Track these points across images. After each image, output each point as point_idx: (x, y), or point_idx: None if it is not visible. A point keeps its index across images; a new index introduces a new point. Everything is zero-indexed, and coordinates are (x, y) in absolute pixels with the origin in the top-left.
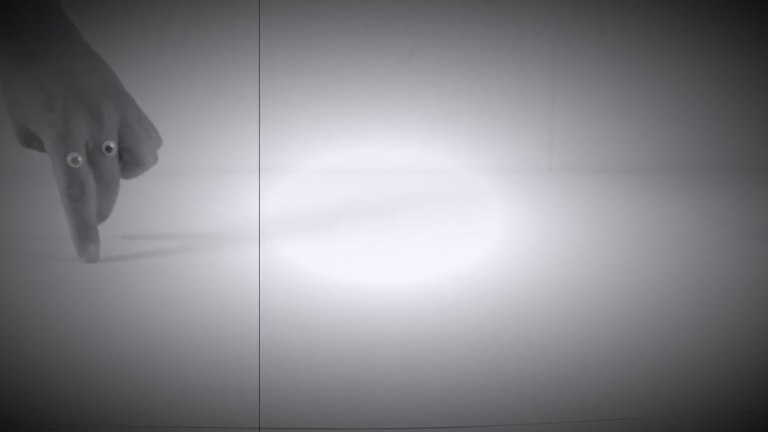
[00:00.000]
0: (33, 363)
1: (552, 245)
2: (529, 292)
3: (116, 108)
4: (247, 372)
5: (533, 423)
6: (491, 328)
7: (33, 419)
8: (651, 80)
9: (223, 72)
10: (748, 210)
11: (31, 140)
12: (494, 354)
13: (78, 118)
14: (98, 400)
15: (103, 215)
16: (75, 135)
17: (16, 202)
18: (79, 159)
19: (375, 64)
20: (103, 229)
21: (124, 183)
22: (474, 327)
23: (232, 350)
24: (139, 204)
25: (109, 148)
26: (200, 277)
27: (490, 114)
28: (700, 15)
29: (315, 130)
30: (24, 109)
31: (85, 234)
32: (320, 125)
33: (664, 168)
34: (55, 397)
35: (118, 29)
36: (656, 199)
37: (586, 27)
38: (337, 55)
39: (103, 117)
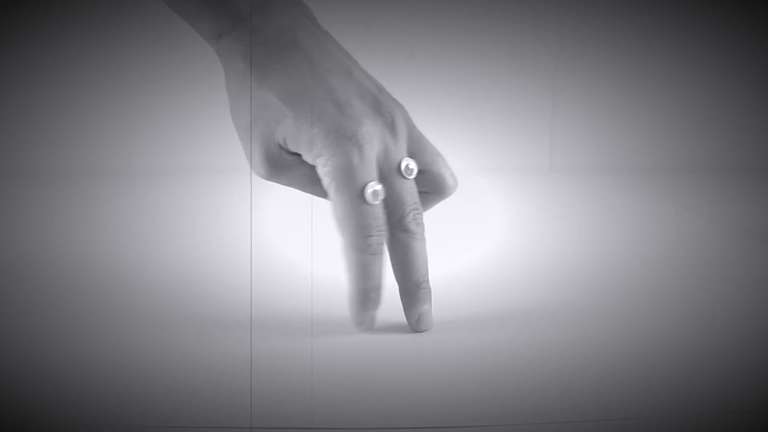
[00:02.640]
0: (32, 363)
1: (552, 245)
2: (528, 292)
3: (403, 116)
4: (240, 371)
5: (533, 423)
6: (491, 328)
7: (33, 419)
8: (651, 81)
9: (220, 72)
10: (748, 210)
11: (283, 166)
12: (494, 354)
13: (374, 129)
14: (96, 401)
15: (420, 269)
16: (373, 153)
17: (16, 202)
18: (380, 191)
19: (375, 65)
20: (94, 226)
21: (124, 183)
22: (473, 327)
23: (224, 350)
24: (137, 203)
25: (409, 169)
26: (196, 276)
27: (490, 114)
28: (701, 15)
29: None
30: (279, 118)
31: (374, 297)
32: None
33: (664, 168)
34: (53, 397)
35: (116, 29)
36: (656, 199)
37: (587, 27)
38: None
39: (396, 126)
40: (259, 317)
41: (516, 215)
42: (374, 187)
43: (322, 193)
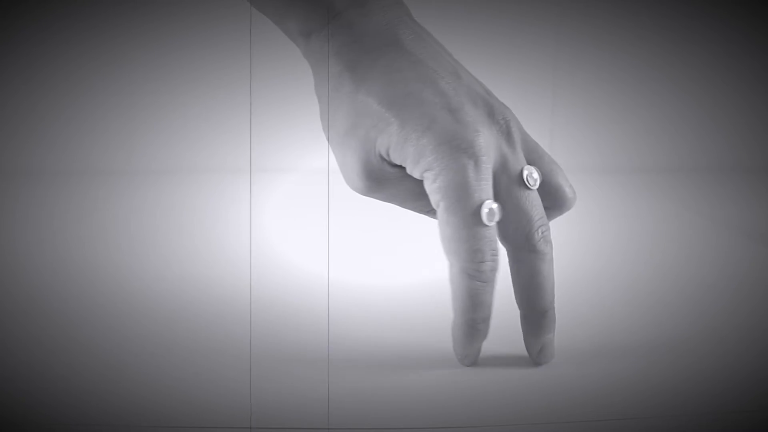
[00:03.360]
0: (32, 363)
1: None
2: None
3: (515, 122)
4: (240, 371)
5: (532, 423)
6: (491, 328)
7: (33, 419)
8: (651, 81)
9: (221, 72)
10: (748, 210)
11: (384, 179)
12: (494, 354)
13: (490, 138)
14: (96, 401)
15: (548, 295)
16: (490, 166)
17: (16, 202)
18: (496, 210)
19: None
20: (94, 226)
21: (124, 183)
22: None
23: (224, 349)
24: (137, 203)
25: (533, 179)
26: (196, 275)
27: None
28: (701, 15)
29: (313, 130)
30: (381, 126)
31: (482, 329)
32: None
33: (664, 168)
34: (53, 397)
35: (116, 29)
36: (656, 199)
37: (587, 27)
38: None
39: (512, 134)
40: (262, 317)
41: None
42: (490, 206)
43: (426, 210)
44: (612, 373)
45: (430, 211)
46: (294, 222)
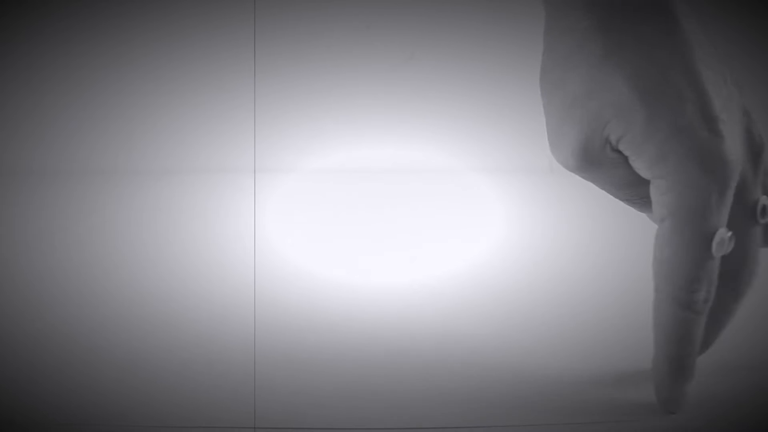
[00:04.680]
0: (33, 363)
1: (553, 246)
2: (529, 293)
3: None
4: (243, 371)
5: (533, 424)
6: (491, 329)
7: (33, 419)
8: None
9: (221, 71)
10: None
11: (599, 163)
12: (494, 355)
13: (741, 157)
14: (97, 400)
15: (714, 340)
16: (733, 190)
17: (16, 202)
18: (727, 241)
19: (375, 65)
20: (93, 227)
21: (124, 183)
22: (474, 328)
23: (228, 351)
24: (137, 203)
25: (765, 211)
26: (197, 277)
27: (490, 114)
28: (701, 15)
29: (313, 130)
30: (621, 109)
31: (690, 366)
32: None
33: None
34: (54, 397)
35: (116, 29)
36: None
37: None
38: (337, 54)
39: (762, 157)
40: (263, 316)
41: (516, 215)
42: (723, 236)
43: (625, 197)
44: (612, 374)
45: (629, 200)
46: (294, 222)
